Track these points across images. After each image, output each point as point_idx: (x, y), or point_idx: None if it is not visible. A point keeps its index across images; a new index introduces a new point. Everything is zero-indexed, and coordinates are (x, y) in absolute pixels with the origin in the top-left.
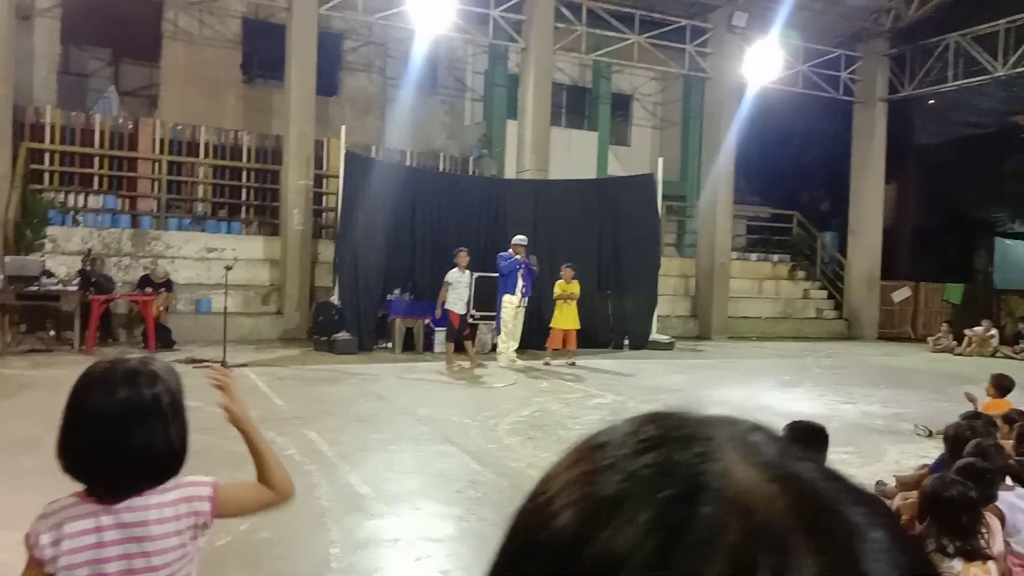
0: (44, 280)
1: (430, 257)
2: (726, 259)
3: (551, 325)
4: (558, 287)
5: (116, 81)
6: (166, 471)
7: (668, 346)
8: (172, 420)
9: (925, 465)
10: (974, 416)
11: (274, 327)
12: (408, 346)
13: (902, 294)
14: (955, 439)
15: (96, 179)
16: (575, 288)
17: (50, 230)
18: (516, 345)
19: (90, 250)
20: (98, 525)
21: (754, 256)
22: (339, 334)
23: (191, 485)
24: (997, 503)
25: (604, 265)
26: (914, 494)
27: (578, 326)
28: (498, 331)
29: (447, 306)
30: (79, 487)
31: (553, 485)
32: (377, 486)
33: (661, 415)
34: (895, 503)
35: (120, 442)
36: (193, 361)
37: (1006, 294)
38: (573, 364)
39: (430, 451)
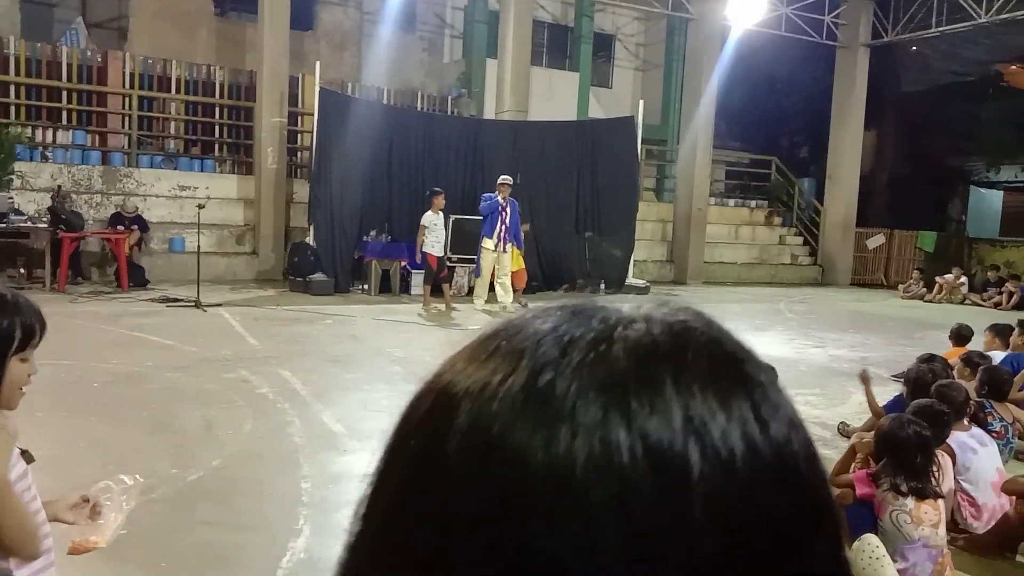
0: (13, 217)
1: (407, 198)
2: (704, 204)
3: None
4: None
5: (83, 12)
6: None
7: (644, 290)
8: None
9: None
10: (930, 359)
11: (249, 267)
12: (384, 288)
13: (876, 241)
14: (916, 382)
15: (64, 114)
16: (524, 228)
17: (18, 166)
18: (509, 293)
19: (59, 187)
20: None
21: (732, 202)
22: (315, 275)
23: None
24: (950, 442)
25: (582, 208)
26: (871, 433)
27: (523, 266)
28: (477, 274)
29: (424, 249)
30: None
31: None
32: (350, 424)
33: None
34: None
35: None
36: (167, 300)
37: (977, 242)
38: (525, 306)
39: (404, 391)
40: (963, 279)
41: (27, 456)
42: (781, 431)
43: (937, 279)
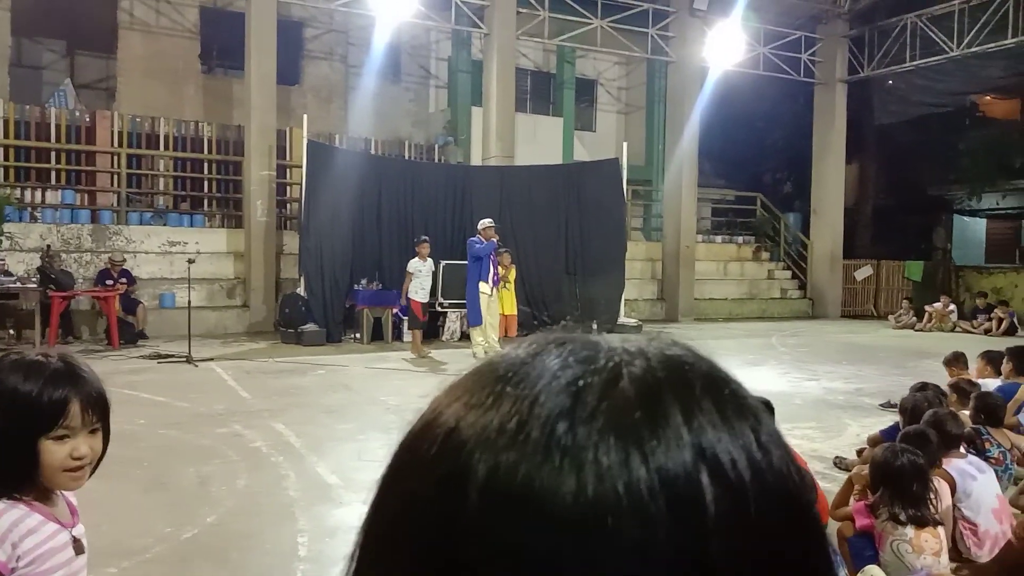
0: (2, 278)
1: (397, 246)
2: (691, 242)
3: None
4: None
5: (72, 74)
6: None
7: (636, 329)
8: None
9: (881, 431)
10: (922, 388)
11: (240, 320)
12: (376, 336)
13: (864, 272)
14: (912, 411)
15: (53, 174)
16: (512, 274)
17: (7, 227)
18: (495, 334)
19: (49, 246)
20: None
21: (719, 238)
22: (306, 326)
23: None
24: (949, 469)
25: (571, 250)
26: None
27: (515, 311)
28: (472, 321)
29: (410, 295)
30: None
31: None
32: (346, 475)
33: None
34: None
35: None
36: (158, 356)
37: (964, 270)
38: None
39: (399, 440)
40: (952, 307)
41: (78, 547)
42: (779, 455)
43: (927, 308)
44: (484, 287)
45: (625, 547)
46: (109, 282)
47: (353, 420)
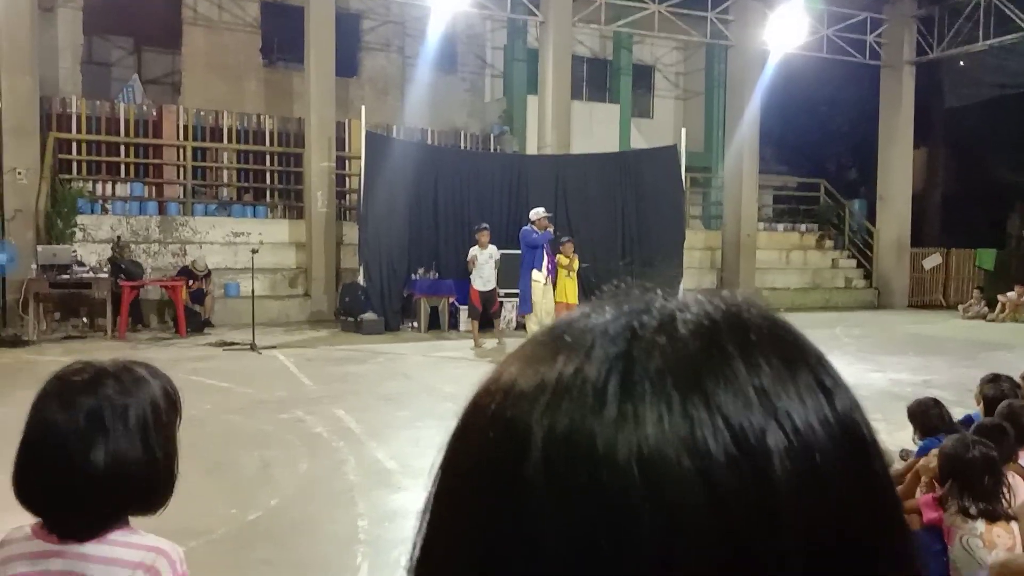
0: (75, 268)
1: (453, 235)
2: (752, 230)
3: (555, 300)
4: (560, 261)
5: (139, 69)
6: (129, 505)
7: None
8: (140, 438)
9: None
10: (994, 379)
11: (302, 309)
12: (433, 324)
13: (933, 261)
14: (921, 416)
15: (123, 167)
16: (576, 263)
17: (80, 219)
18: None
19: (119, 237)
20: (46, 570)
21: (781, 226)
22: (365, 314)
23: (159, 553)
24: None
25: (628, 239)
26: (935, 455)
27: (577, 301)
28: (523, 309)
29: (472, 284)
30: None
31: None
32: (404, 461)
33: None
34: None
35: (72, 463)
36: (223, 344)
37: None
38: None
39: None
40: None
41: None
42: (844, 400)
43: (1000, 297)
44: (538, 275)
45: (688, 482)
46: (192, 281)
47: (411, 407)
